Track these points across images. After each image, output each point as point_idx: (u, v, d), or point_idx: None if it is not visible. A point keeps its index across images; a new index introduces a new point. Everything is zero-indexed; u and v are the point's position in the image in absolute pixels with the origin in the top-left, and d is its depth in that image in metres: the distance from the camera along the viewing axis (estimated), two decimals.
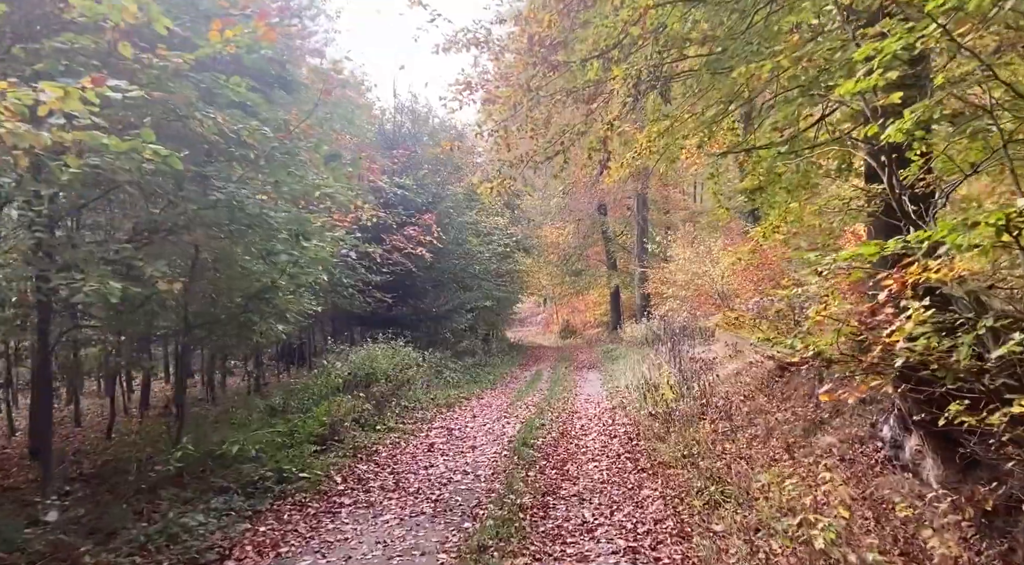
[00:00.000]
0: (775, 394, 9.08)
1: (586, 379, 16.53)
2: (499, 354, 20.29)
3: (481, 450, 7.61)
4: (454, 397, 11.68)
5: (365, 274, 12.28)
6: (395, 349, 11.40)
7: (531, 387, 14.45)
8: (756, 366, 11.14)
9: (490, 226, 19.34)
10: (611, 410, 11.13)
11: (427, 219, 13.01)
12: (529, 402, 11.84)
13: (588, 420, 10.16)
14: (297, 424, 7.60)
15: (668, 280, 24.44)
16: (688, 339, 18.82)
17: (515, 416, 10.13)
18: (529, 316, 50.81)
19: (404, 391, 10.57)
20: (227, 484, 5.41)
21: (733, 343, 15.37)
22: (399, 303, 14.68)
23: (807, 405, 7.88)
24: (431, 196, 14.70)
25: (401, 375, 10.50)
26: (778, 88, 7.32)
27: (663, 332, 20.44)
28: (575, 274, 34.86)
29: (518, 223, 24.73)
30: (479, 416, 10.17)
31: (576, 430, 9.20)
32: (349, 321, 14.47)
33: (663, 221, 33.95)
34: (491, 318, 24.45)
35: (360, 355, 10.14)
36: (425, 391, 11.28)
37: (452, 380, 13.27)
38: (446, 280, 15.60)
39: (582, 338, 33.87)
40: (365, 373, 9.64)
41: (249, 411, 8.96)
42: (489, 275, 18.85)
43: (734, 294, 21.49)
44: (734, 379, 11.28)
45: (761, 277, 20.18)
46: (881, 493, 5.06)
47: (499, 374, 16.79)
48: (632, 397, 11.96)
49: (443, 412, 10.29)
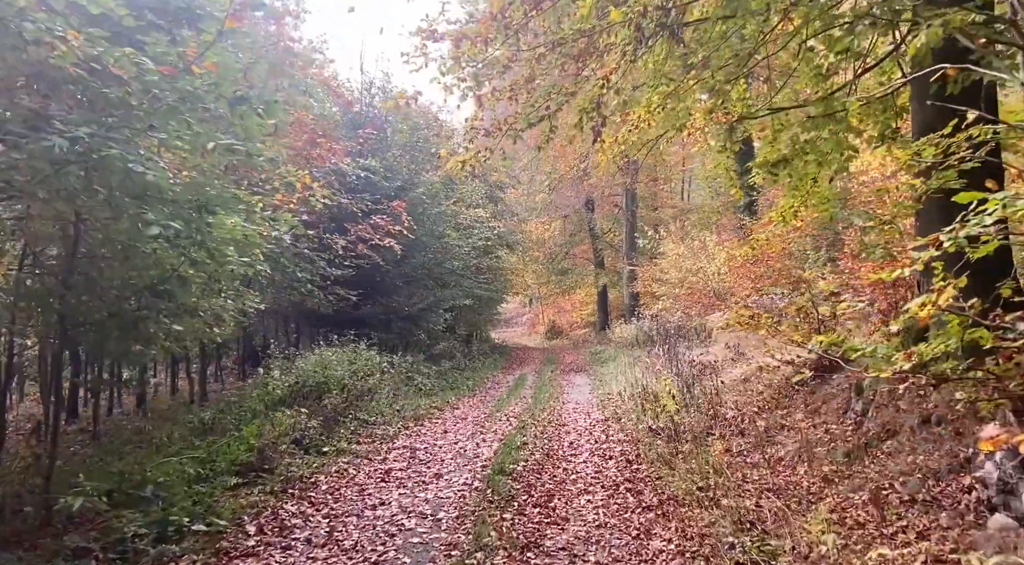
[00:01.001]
0: (796, 406, 7.74)
1: (574, 384, 15.16)
2: (480, 357, 18.85)
3: (448, 479, 6.17)
4: (425, 408, 10.23)
5: (325, 268, 10.80)
6: (357, 353, 9.94)
7: (514, 394, 13.03)
8: (768, 372, 9.81)
9: (470, 218, 17.90)
10: (603, 422, 9.74)
11: (396, 207, 11.55)
12: (510, 412, 10.42)
13: (578, 435, 8.77)
14: (221, 448, 6.13)
15: (659, 278, 23.16)
16: (683, 340, 17.54)
17: (493, 431, 8.71)
18: (515, 316, 49.51)
19: (365, 402, 9.11)
20: (87, 544, 3.93)
21: (734, 345, 14.05)
22: (367, 301, 13.19)
23: (842, 422, 6.55)
24: (402, 182, 13.24)
25: (361, 384, 9.05)
26: (807, 34, 6.03)
27: (656, 333, 19.13)
28: (561, 273, 33.61)
29: (501, 217, 23.32)
30: (451, 431, 8.73)
31: (564, 449, 7.80)
32: (311, 321, 12.96)
33: (652, 218, 32.76)
34: (472, 318, 23.02)
35: (311, 361, 8.65)
36: (391, 401, 9.83)
37: (425, 387, 11.83)
38: (420, 276, 14.14)
39: (569, 339, 32.58)
40: (316, 382, 8.17)
41: (176, 428, 7.48)
42: (468, 271, 17.40)
43: (728, 292, 20.33)
44: (742, 387, 9.93)
45: (759, 274, 18.99)
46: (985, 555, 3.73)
47: (479, 379, 15.35)
48: (627, 406, 10.58)
49: (409, 427, 8.84)
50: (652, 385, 11.44)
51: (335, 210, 12.12)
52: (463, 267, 16.70)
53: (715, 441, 7.67)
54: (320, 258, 10.84)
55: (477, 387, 14.06)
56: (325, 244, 11.40)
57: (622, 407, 10.86)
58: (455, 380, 14.04)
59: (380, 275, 12.73)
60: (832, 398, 7.11)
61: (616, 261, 32.08)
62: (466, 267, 16.99)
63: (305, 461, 6.40)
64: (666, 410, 8.69)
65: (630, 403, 10.82)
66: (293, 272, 10.08)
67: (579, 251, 34.33)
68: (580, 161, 27.93)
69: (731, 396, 9.64)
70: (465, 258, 16.39)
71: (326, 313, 12.53)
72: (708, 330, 17.67)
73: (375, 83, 14.23)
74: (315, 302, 11.62)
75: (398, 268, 13.12)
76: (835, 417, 6.76)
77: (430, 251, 14.99)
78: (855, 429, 6.19)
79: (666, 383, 9.79)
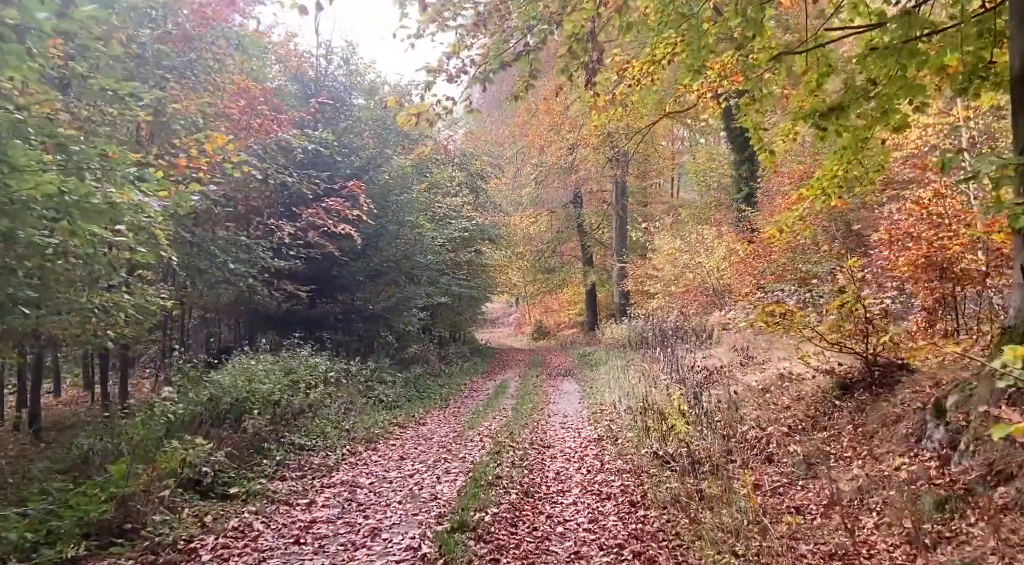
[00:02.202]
0: (841, 428, 6.14)
1: (561, 391, 13.52)
2: (459, 360, 17.15)
3: (388, 539, 4.48)
4: (383, 425, 8.51)
5: (264, 257, 9.06)
6: (298, 359, 8.22)
7: (492, 405, 11.36)
8: (794, 381, 8.22)
9: (447, 207, 16.18)
10: (596, 442, 8.09)
11: (354, 187, 9.83)
12: (486, 430, 8.75)
13: (566, 461, 7.11)
14: (75, 498, 4.41)
15: (652, 275, 21.60)
16: (682, 341, 15.95)
17: (461, 458, 7.04)
18: (501, 316, 47.95)
19: (305, 421, 7.41)
20: None
21: (742, 347, 12.47)
22: (322, 298, 11.46)
23: (916, 454, 4.95)
24: (364, 162, 11.51)
25: (300, 398, 7.34)
26: None
27: (652, 334, 17.54)
28: (548, 271, 32.07)
29: (483, 209, 21.63)
30: (410, 458, 7.04)
31: (548, 483, 6.14)
32: (258, 321, 11.19)
33: (642, 214, 31.33)
34: (452, 318, 21.32)
35: (231, 372, 6.90)
36: (340, 419, 8.11)
37: (387, 399, 10.11)
38: (386, 270, 12.40)
39: (556, 340, 31.02)
40: (236, 399, 6.45)
41: (43, 460, 5.74)
42: (444, 266, 15.67)
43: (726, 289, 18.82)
44: (761, 398, 8.32)
45: (761, 269, 17.50)
46: None
47: (455, 386, 13.66)
48: (624, 421, 8.95)
49: (358, 452, 7.12)
50: (653, 395, 9.81)
51: (282, 191, 10.42)
52: (438, 261, 14.99)
53: (740, 471, 6.05)
54: (261, 246, 9.11)
55: (452, 396, 12.36)
56: (270, 230, 9.68)
57: (618, 422, 9.23)
58: (426, 388, 12.33)
59: (338, 268, 10.99)
60: (895, 420, 5.50)
61: (605, 258, 30.61)
62: (441, 261, 15.28)
63: (195, 512, 4.67)
64: (675, 431, 7.06)
65: (627, 417, 9.19)
66: (224, 262, 8.35)
67: (567, 248, 32.82)
68: (568, 153, 26.45)
69: (750, 410, 8.04)
70: (440, 250, 14.66)
71: (274, 312, 10.80)
72: (709, 330, 16.11)
73: (335, 51, 12.50)
74: (260, 299, 9.90)
75: (359, 261, 11.39)
76: (903, 446, 5.15)
77: (402, 242, 13.28)
78: (941, 466, 4.58)
79: (673, 396, 8.14)
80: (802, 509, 4.97)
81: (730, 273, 18.05)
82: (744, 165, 20.56)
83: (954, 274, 8.25)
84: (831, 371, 6.89)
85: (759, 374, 9.90)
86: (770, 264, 17.02)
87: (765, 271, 17.00)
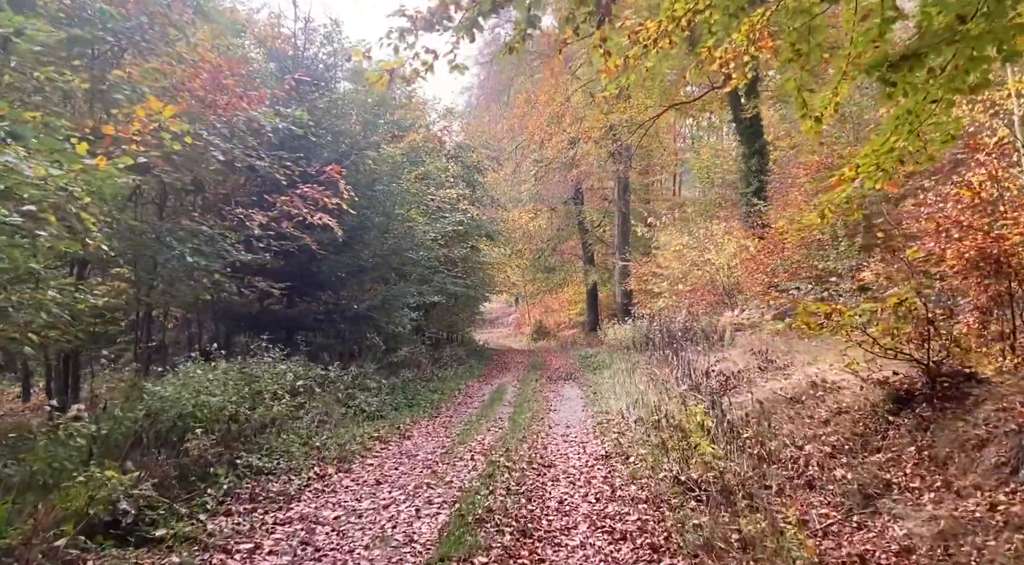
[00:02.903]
0: (902, 449, 5.13)
1: (563, 397, 12.50)
2: (453, 363, 16.11)
3: None
4: (361, 440, 7.49)
5: (229, 249, 8.04)
6: (262, 366, 7.20)
7: (487, 413, 10.34)
8: (830, 391, 7.21)
9: (440, 200, 15.13)
10: (605, 460, 7.08)
11: (332, 172, 8.80)
12: (478, 445, 7.73)
13: (570, 485, 6.08)
14: None
15: (657, 273, 20.60)
16: (691, 343, 14.93)
17: (448, 481, 6.02)
18: (500, 316, 46.98)
19: (268, 438, 6.38)
20: None
21: (760, 350, 11.45)
22: (302, 297, 10.44)
23: (1016, 489, 3.94)
24: (347, 147, 10.47)
25: (260, 412, 6.32)
26: None
27: (659, 335, 16.53)
28: (548, 270, 31.10)
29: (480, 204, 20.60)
30: (387, 482, 6.02)
31: (550, 516, 5.11)
32: (230, 322, 10.15)
33: (645, 211, 30.39)
34: (448, 318, 20.30)
35: (175, 383, 5.85)
36: (311, 434, 7.09)
37: (370, 408, 9.07)
38: (372, 266, 11.37)
39: (556, 340, 30.03)
40: (179, 414, 5.42)
41: None
42: (437, 262, 14.63)
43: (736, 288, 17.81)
44: (791, 410, 7.31)
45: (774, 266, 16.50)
46: None
47: (448, 392, 12.64)
48: (635, 435, 7.94)
49: (326, 476, 6.10)
50: (666, 404, 8.80)
51: (255, 178, 9.41)
52: (431, 258, 13.96)
53: (779, 501, 5.03)
54: (227, 238, 8.09)
55: (443, 403, 11.34)
56: (240, 221, 8.66)
57: (628, 435, 8.22)
58: (416, 395, 11.30)
59: (317, 264, 9.97)
60: (977, 444, 4.48)
61: (607, 257, 29.66)
62: (434, 258, 14.23)
63: None
64: (699, 451, 6.04)
65: (639, 430, 8.18)
66: (180, 254, 7.33)
67: (567, 247, 31.87)
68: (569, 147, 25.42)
69: (780, 423, 7.03)
70: (431, 245, 13.62)
71: (248, 312, 9.78)
72: (720, 331, 15.09)
73: (318, 30, 11.47)
74: (228, 297, 8.89)
75: (342, 255, 10.35)
76: (994, 479, 4.13)
77: (390, 236, 12.25)
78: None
79: (694, 408, 7.11)
80: (868, 559, 3.95)
81: (740, 270, 17.08)
82: (754, 158, 19.58)
83: (1011, 268, 7.24)
84: (884, 381, 5.87)
85: (783, 381, 8.88)
86: (783, 261, 16.05)
87: (778, 268, 16.04)
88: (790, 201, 17.18)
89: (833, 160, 15.35)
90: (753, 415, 7.47)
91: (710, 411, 7.72)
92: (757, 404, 7.77)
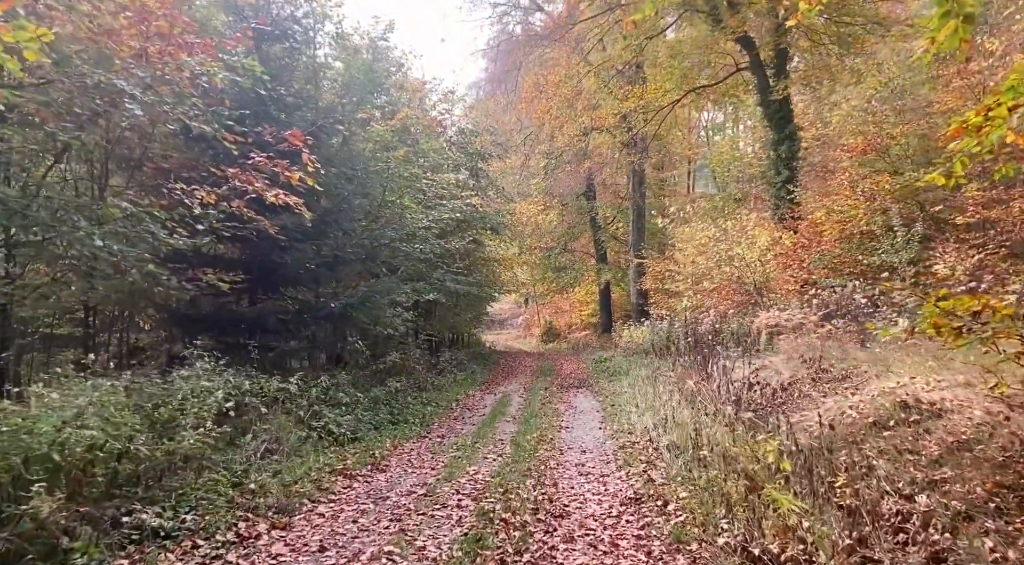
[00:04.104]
0: None
1: (576, 410, 10.78)
2: (454, 369, 14.42)
3: None
4: (317, 477, 5.78)
5: (161, 235, 6.37)
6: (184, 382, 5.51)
7: (486, 432, 8.63)
8: (934, 416, 5.45)
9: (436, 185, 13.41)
10: (635, 506, 5.36)
11: (292, 138, 7.12)
12: (469, 483, 6.01)
13: (590, 549, 4.35)
14: None
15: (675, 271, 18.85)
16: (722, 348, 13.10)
17: (420, 548, 4.30)
18: (510, 317, 45.40)
19: (181, 481, 4.71)
20: None
21: (810, 357, 9.66)
22: (265, 293, 8.77)
23: None
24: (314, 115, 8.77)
25: (167, 447, 4.64)
26: None
27: (683, 339, 14.75)
28: (558, 269, 29.43)
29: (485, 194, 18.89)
30: (334, 549, 4.30)
31: None
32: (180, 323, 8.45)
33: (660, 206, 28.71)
34: (450, 320, 18.60)
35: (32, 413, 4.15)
36: (251, 469, 5.40)
37: (340, 429, 7.37)
38: (355, 258, 9.67)
39: (567, 342, 28.38)
40: (25, 456, 3.73)
41: None
42: (434, 256, 12.89)
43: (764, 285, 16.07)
44: (878, 440, 5.56)
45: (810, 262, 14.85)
46: None
47: (444, 403, 10.94)
48: (671, 467, 6.21)
49: (252, 537, 4.39)
50: (708, 428, 7.03)
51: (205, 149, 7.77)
52: (425, 250, 12.24)
53: None
54: (156, 218, 6.43)
55: (436, 419, 9.64)
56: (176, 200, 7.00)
57: (660, 465, 6.50)
58: (403, 409, 9.60)
59: (281, 253, 8.29)
60: None
61: (620, 255, 27.94)
62: (430, 251, 12.51)
63: None
64: (776, 508, 4.29)
65: (674, 461, 6.44)
66: (88, 237, 5.67)
67: (578, 244, 30.16)
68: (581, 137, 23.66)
69: (865, 457, 5.28)
70: (425, 234, 11.90)
71: (196, 311, 8.12)
72: (755, 334, 13.30)
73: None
74: (163, 292, 7.23)
75: (312, 243, 8.67)
76: None
77: (378, 224, 10.56)
78: None
79: (765, 446, 5.34)
80: None
81: (773, 266, 15.30)
82: (784, 145, 17.80)
83: None
84: None
85: (851, 397, 7.09)
86: (822, 255, 14.28)
87: (816, 263, 14.28)
88: (828, 189, 15.42)
89: (883, 140, 13.56)
90: (824, 444, 5.71)
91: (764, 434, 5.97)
92: (827, 428, 6.01)
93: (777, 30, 17.63)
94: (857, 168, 14.20)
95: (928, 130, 13.68)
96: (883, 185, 13.09)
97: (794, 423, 6.55)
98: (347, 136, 9.01)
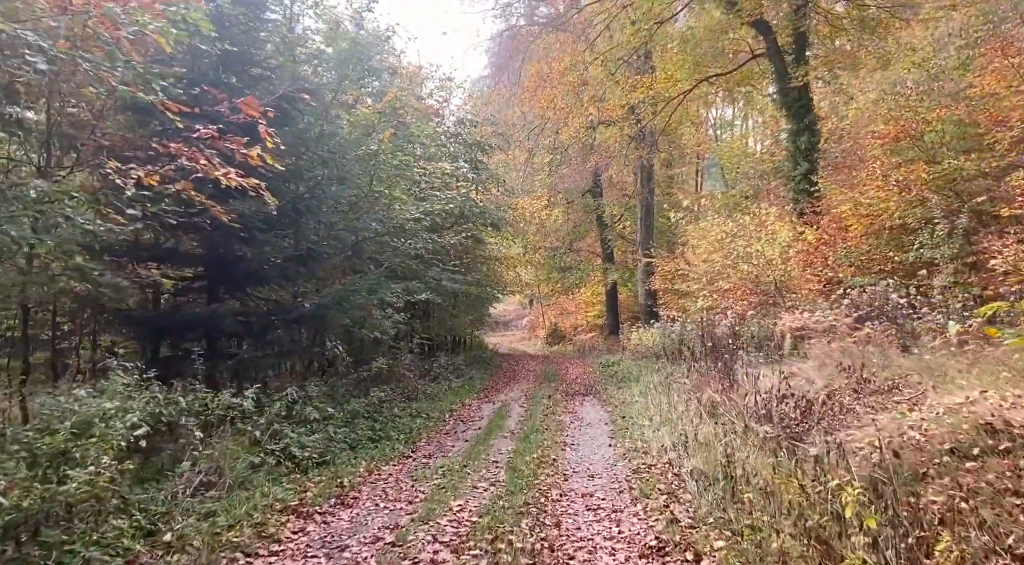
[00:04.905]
0: None
1: (582, 422, 9.65)
2: (450, 375, 13.29)
3: None
4: (261, 518, 4.66)
5: (79, 222, 5.28)
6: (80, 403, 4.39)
7: (479, 452, 7.49)
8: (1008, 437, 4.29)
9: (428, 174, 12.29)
10: (657, 557, 4.22)
11: (246, 107, 6.01)
12: (450, 526, 4.87)
13: None
14: None
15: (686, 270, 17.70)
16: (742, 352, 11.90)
17: None
18: (514, 318, 44.31)
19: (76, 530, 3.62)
20: None
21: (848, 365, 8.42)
22: (223, 291, 7.65)
23: None
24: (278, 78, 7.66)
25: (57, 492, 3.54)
26: None
27: (698, 342, 13.60)
28: (564, 269, 28.35)
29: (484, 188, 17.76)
30: None
31: None
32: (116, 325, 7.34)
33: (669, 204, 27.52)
34: (448, 322, 17.47)
35: None
36: (172, 509, 4.30)
37: (304, 450, 6.24)
38: (327, 252, 8.53)
39: (573, 345, 27.25)
40: None
41: None
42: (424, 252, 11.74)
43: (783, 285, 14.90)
44: (960, 474, 4.40)
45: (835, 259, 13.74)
46: None
47: (435, 415, 9.81)
48: (696, 502, 5.08)
49: None
50: (740, 451, 5.88)
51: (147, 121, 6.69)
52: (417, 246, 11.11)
53: None
54: (74, 198, 5.33)
55: (423, 435, 8.50)
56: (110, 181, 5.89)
57: (683, 497, 5.37)
58: (387, 423, 8.47)
59: (241, 245, 7.17)
60: None
61: (627, 254, 26.78)
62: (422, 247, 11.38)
63: None
64: None
65: (702, 494, 5.30)
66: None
67: (584, 244, 29.04)
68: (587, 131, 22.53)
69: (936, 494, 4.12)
70: (415, 227, 10.76)
71: (141, 312, 7.02)
72: (778, 338, 12.13)
73: None
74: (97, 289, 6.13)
75: (279, 235, 7.57)
76: None
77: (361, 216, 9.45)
78: None
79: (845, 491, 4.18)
80: None
81: (794, 263, 14.13)
82: (803, 136, 16.63)
83: None
84: None
85: (911, 414, 5.91)
86: (848, 252, 13.13)
87: (841, 261, 13.13)
88: (854, 181, 14.25)
89: (918, 125, 12.37)
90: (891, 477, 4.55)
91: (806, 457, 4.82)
92: (891, 456, 4.85)
93: (796, 12, 16.52)
94: (888, 157, 13.02)
95: (966, 115, 12.44)
96: (919, 175, 11.87)
97: (842, 444, 5.39)
98: (322, 114, 7.90)
